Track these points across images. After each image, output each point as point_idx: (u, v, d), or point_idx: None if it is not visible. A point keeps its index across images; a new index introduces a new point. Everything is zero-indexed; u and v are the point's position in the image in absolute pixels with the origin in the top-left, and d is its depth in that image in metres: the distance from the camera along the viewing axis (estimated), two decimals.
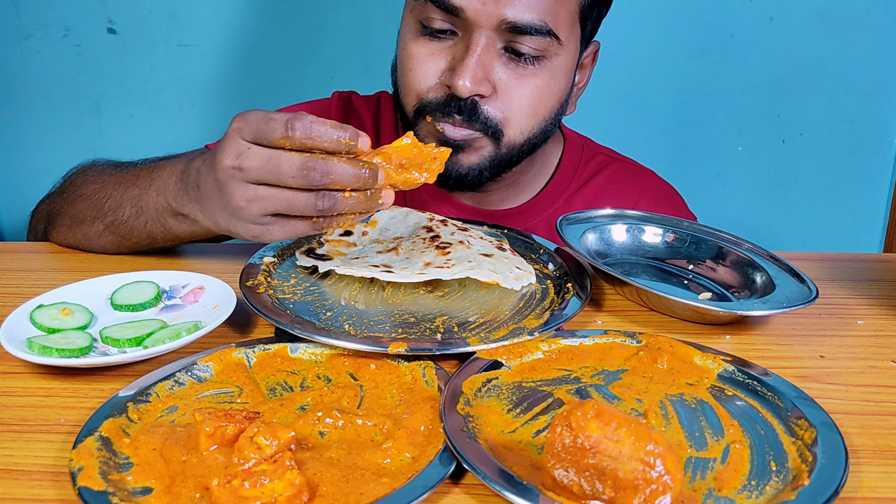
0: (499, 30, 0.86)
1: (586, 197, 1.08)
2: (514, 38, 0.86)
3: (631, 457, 0.46)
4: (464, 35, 0.88)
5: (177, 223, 0.82)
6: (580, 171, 1.09)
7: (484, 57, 0.86)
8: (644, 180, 1.12)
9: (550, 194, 1.07)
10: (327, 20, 1.55)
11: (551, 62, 0.90)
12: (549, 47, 0.88)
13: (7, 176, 1.67)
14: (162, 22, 1.55)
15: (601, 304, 0.82)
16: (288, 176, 0.65)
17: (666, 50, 1.56)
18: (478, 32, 0.86)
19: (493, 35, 0.86)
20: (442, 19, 0.88)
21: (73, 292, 0.75)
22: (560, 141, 1.11)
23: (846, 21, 1.53)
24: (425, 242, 0.83)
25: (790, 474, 0.53)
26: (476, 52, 0.86)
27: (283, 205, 0.67)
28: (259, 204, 0.68)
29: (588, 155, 1.11)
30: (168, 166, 0.84)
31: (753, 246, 0.87)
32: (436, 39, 0.89)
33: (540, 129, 0.94)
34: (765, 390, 0.63)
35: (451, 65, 0.88)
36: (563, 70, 0.92)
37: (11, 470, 0.53)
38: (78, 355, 0.64)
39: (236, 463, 0.50)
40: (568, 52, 0.92)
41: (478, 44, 0.86)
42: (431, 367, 0.64)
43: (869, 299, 0.84)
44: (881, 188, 1.67)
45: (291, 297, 0.76)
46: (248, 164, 0.66)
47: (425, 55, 0.90)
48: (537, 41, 0.87)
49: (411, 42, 0.91)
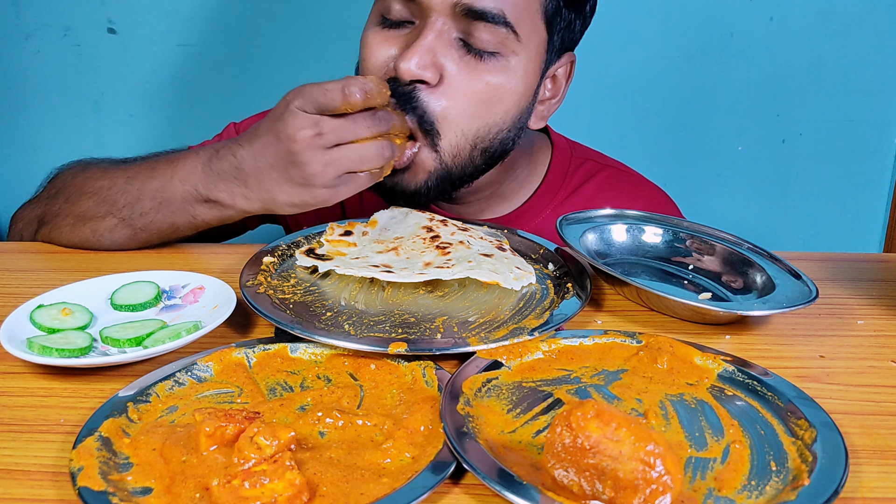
0: (454, 14, 0.82)
1: (576, 204, 1.04)
2: (470, 26, 0.82)
3: (631, 457, 0.46)
4: (419, 22, 0.85)
5: (206, 209, 0.85)
6: (568, 179, 1.05)
7: (435, 42, 0.82)
8: (634, 187, 1.09)
9: (537, 203, 1.03)
10: (326, 20, 1.55)
11: (508, 60, 0.85)
12: (505, 42, 0.84)
13: (7, 176, 1.67)
14: (162, 22, 1.55)
15: (601, 304, 0.82)
16: (365, 128, 0.75)
17: (666, 50, 1.56)
18: (433, 17, 0.82)
19: (449, 22, 0.83)
20: (400, 7, 0.86)
21: (72, 292, 0.75)
22: (548, 148, 1.07)
23: (846, 21, 1.53)
24: (425, 242, 0.83)
25: (790, 474, 0.53)
26: (429, 35, 0.82)
27: (355, 161, 0.76)
28: (334, 166, 0.76)
29: (577, 162, 1.07)
30: (190, 157, 0.86)
31: (753, 246, 0.87)
32: (392, 28, 0.87)
33: (487, 132, 0.87)
34: (765, 390, 0.63)
35: (402, 51, 0.84)
36: (521, 72, 0.87)
37: (11, 470, 0.53)
38: (78, 355, 0.64)
39: (236, 463, 0.50)
40: (528, 54, 0.87)
41: (431, 28, 0.82)
42: (431, 367, 0.64)
43: (869, 299, 0.84)
44: (881, 188, 1.67)
45: (291, 297, 0.76)
46: (327, 128, 0.75)
47: (378, 42, 0.87)
48: (493, 31, 0.83)
49: (369, 33, 0.89)
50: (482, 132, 0.87)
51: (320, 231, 0.90)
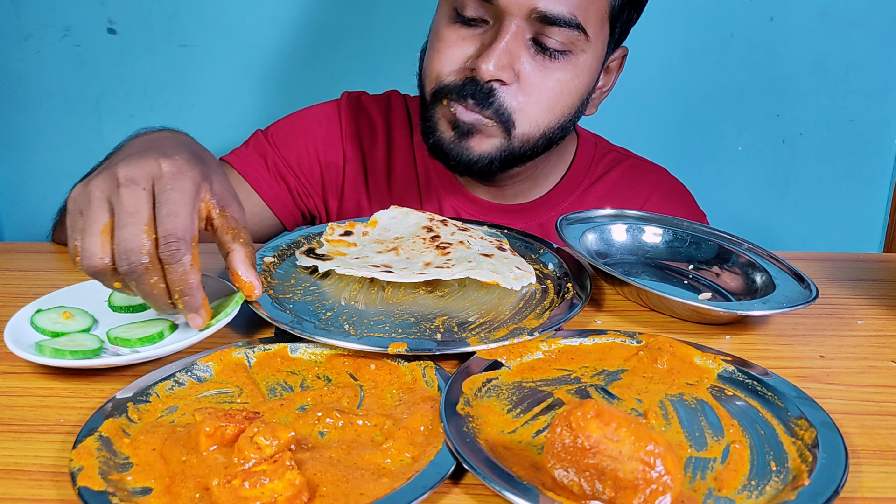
0: (529, 19, 0.87)
1: (599, 193, 1.09)
2: (543, 28, 0.88)
3: (631, 457, 0.46)
4: (494, 23, 0.90)
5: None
6: (593, 168, 1.11)
7: (512, 44, 0.87)
8: (655, 177, 1.14)
9: (564, 190, 1.08)
10: (328, 20, 1.55)
11: (577, 58, 0.91)
12: (576, 42, 0.89)
13: (7, 176, 1.67)
14: (162, 22, 1.55)
15: (601, 304, 0.82)
16: (118, 237, 0.61)
17: (666, 50, 1.56)
18: (508, 20, 0.87)
19: (523, 24, 0.88)
20: (475, 7, 0.90)
21: (69, 296, 0.75)
22: (574, 138, 1.13)
23: (846, 21, 1.53)
24: (425, 242, 0.83)
25: (790, 474, 0.53)
26: (505, 38, 0.87)
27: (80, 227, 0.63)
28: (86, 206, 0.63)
29: (601, 152, 1.13)
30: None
31: (753, 246, 0.87)
32: (468, 26, 0.91)
33: (557, 124, 0.95)
34: (765, 390, 0.63)
35: (479, 51, 0.90)
36: (587, 68, 0.93)
37: (11, 470, 0.53)
38: (90, 357, 0.64)
39: (236, 463, 0.50)
40: (594, 51, 0.93)
41: (507, 31, 0.87)
42: (431, 367, 0.64)
43: (869, 299, 0.84)
44: (881, 188, 1.67)
45: (291, 297, 0.76)
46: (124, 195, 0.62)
47: (456, 39, 0.92)
48: (565, 34, 0.88)
49: (444, 27, 0.93)
50: (552, 123, 0.94)
51: (320, 231, 0.90)
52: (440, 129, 0.94)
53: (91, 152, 1.04)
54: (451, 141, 0.94)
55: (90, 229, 0.62)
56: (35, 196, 1.67)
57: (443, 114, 0.93)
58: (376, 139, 1.11)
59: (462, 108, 0.91)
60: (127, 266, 0.61)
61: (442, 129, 0.94)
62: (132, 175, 0.63)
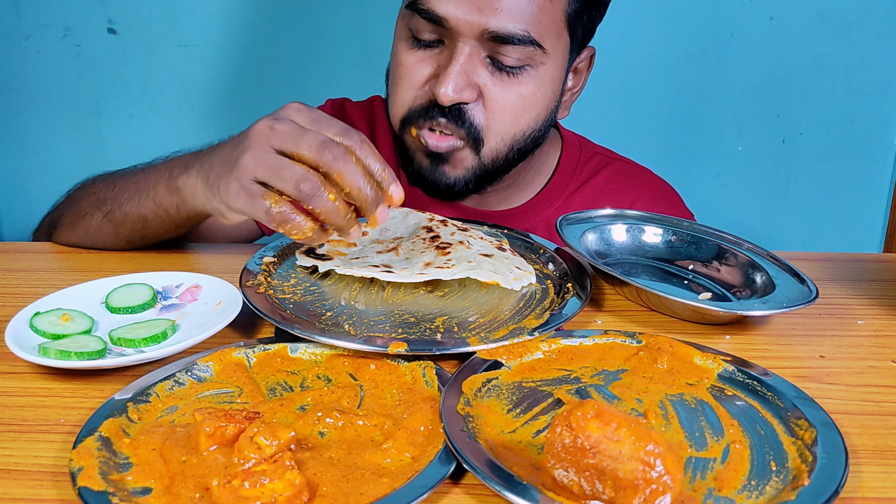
0: (482, 39, 0.87)
1: (585, 197, 1.08)
2: (498, 47, 0.87)
3: (631, 457, 0.46)
4: (449, 44, 0.89)
5: (167, 194, 0.82)
6: (578, 172, 1.10)
7: (467, 66, 0.88)
8: (641, 179, 1.13)
9: (549, 195, 1.08)
10: (327, 20, 1.55)
11: (536, 71, 0.91)
12: (533, 56, 0.89)
13: (7, 176, 1.67)
14: (162, 22, 1.55)
15: (601, 304, 0.82)
16: (307, 144, 0.67)
17: (666, 50, 1.56)
18: (462, 42, 0.87)
19: (477, 44, 0.87)
20: (429, 30, 0.89)
21: (66, 298, 0.74)
22: (558, 142, 1.12)
23: (846, 21, 1.53)
24: (425, 243, 0.83)
25: (790, 474, 0.53)
26: (459, 61, 0.87)
27: (274, 169, 0.68)
28: (263, 166, 0.69)
29: (586, 156, 1.11)
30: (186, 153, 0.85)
31: (753, 246, 0.87)
32: (424, 49, 0.91)
33: (524, 136, 0.95)
34: (765, 390, 0.63)
35: (436, 72, 0.90)
36: (549, 78, 0.93)
37: (11, 470, 0.53)
38: (96, 357, 0.64)
39: (236, 463, 0.50)
40: (554, 61, 0.92)
41: (461, 53, 0.87)
42: (431, 367, 0.64)
43: (869, 299, 0.84)
44: (881, 188, 1.67)
45: (291, 297, 0.76)
46: (279, 127, 0.69)
47: (414, 63, 0.92)
48: (520, 51, 0.87)
49: (402, 51, 0.93)
50: (518, 136, 0.94)
51: None
52: (416, 158, 0.96)
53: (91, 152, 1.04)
54: (427, 168, 0.95)
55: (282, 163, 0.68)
56: (35, 196, 1.67)
57: (413, 144, 0.94)
58: None
59: (433, 138, 0.91)
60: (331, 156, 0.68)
61: (419, 159, 0.96)
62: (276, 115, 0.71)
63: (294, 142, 0.68)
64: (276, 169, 0.68)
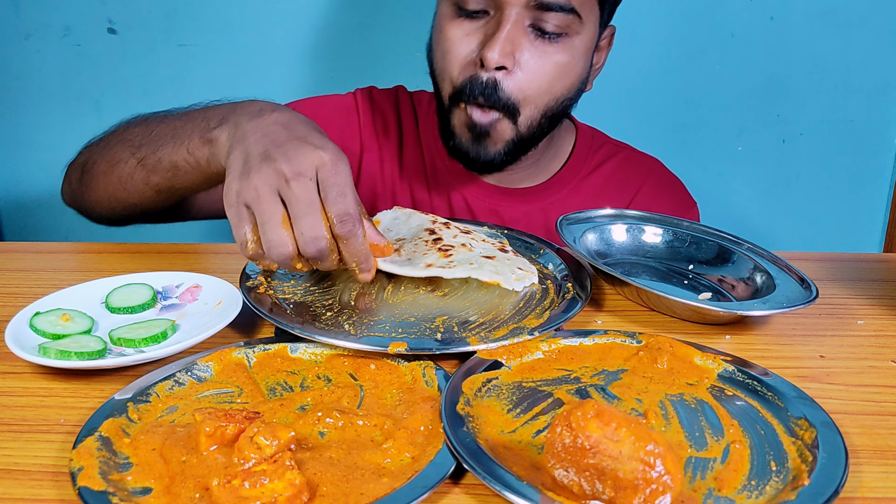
0: (528, 7, 0.92)
1: (596, 181, 1.15)
2: (541, 14, 0.92)
3: (631, 457, 0.46)
4: (495, 13, 0.94)
5: (200, 146, 0.82)
6: (590, 158, 1.16)
7: (513, 32, 0.92)
8: (648, 167, 1.19)
9: (564, 177, 1.14)
10: (327, 20, 1.55)
11: (572, 40, 0.96)
12: (571, 25, 0.94)
13: (7, 176, 1.67)
14: (162, 22, 1.55)
15: (601, 304, 0.82)
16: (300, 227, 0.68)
17: (666, 50, 1.56)
18: (509, 9, 0.92)
19: (523, 12, 0.92)
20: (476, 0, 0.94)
21: (66, 298, 0.74)
22: (573, 131, 1.18)
23: (846, 21, 1.53)
24: (427, 245, 0.83)
25: (790, 474, 0.53)
26: (507, 26, 0.92)
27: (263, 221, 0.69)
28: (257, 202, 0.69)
29: (597, 144, 1.18)
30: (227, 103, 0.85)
31: (753, 246, 0.87)
32: (470, 19, 0.95)
33: (557, 104, 0.99)
34: (765, 390, 0.63)
35: (484, 41, 0.94)
36: (583, 48, 0.98)
37: (11, 470, 0.53)
38: (96, 357, 0.64)
39: (236, 463, 0.50)
40: (588, 32, 0.97)
41: (508, 19, 0.92)
42: (431, 367, 0.64)
43: (869, 299, 0.84)
44: (881, 188, 1.67)
45: (291, 297, 0.76)
46: (296, 188, 0.68)
47: (461, 35, 0.96)
48: (561, 18, 0.93)
49: (447, 24, 0.97)
50: (552, 104, 0.98)
51: None
52: (458, 132, 0.99)
53: None
54: (468, 143, 0.99)
55: (271, 222, 0.68)
56: (35, 196, 1.68)
57: (459, 118, 0.98)
58: (389, 132, 1.17)
59: (478, 112, 0.95)
60: (315, 251, 0.69)
61: (460, 133, 0.99)
62: (299, 168, 0.68)
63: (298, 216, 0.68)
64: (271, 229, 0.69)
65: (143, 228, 1.19)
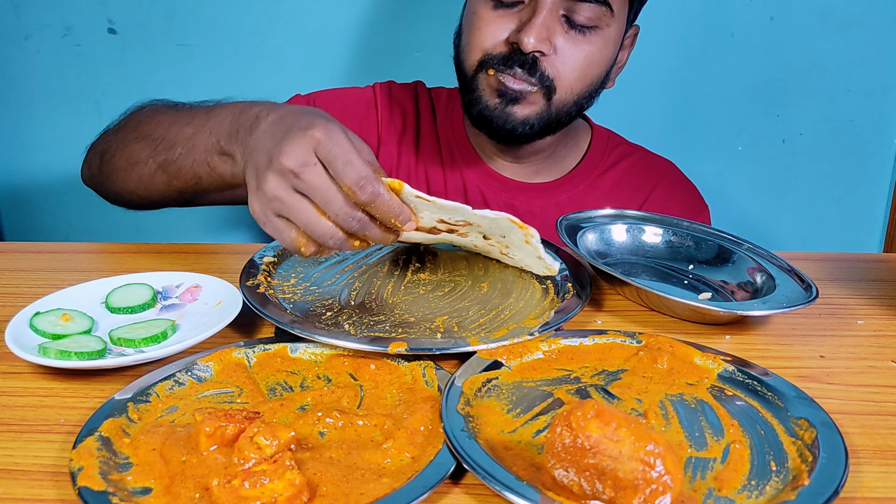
0: None
1: (611, 180, 1.17)
2: (574, 6, 0.95)
3: (631, 457, 0.46)
4: (530, 2, 0.96)
5: (221, 162, 0.83)
6: (605, 157, 1.18)
7: (548, 20, 0.95)
8: (662, 168, 1.22)
9: (579, 174, 1.16)
10: (328, 20, 1.55)
11: (603, 32, 0.99)
12: (602, 17, 0.97)
13: (7, 176, 1.67)
14: (162, 22, 1.55)
15: (601, 304, 0.82)
16: (332, 211, 0.67)
17: (666, 50, 1.56)
18: None
19: (558, 1, 0.95)
20: None
21: (66, 298, 0.74)
22: (588, 130, 1.21)
23: (846, 21, 1.53)
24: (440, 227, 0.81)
25: (790, 474, 0.53)
26: (542, 14, 0.95)
27: (302, 222, 0.68)
28: (284, 208, 0.68)
29: (613, 143, 1.21)
30: (227, 107, 0.86)
31: (753, 246, 0.87)
32: (505, 7, 0.98)
33: (587, 92, 1.02)
34: (765, 390, 0.63)
35: (520, 27, 0.96)
36: (612, 41, 1.01)
37: (11, 470, 0.53)
38: (96, 357, 0.64)
39: (236, 463, 0.50)
40: (617, 25, 1.00)
41: (544, 7, 0.94)
42: (431, 367, 0.64)
43: (869, 299, 0.84)
44: (881, 188, 1.67)
45: (291, 297, 0.76)
46: (307, 178, 0.67)
47: (494, 19, 0.98)
48: (593, 10, 0.96)
49: (482, 9, 1.00)
50: (583, 92, 1.02)
51: None
52: (485, 97, 1.00)
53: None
54: (495, 108, 0.99)
55: (309, 219, 0.68)
56: (35, 196, 1.67)
57: (487, 83, 0.99)
58: (407, 125, 1.18)
59: (510, 78, 0.97)
60: (357, 225, 0.68)
61: (487, 97, 1.00)
62: (299, 159, 0.68)
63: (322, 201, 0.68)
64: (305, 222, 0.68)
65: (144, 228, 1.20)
